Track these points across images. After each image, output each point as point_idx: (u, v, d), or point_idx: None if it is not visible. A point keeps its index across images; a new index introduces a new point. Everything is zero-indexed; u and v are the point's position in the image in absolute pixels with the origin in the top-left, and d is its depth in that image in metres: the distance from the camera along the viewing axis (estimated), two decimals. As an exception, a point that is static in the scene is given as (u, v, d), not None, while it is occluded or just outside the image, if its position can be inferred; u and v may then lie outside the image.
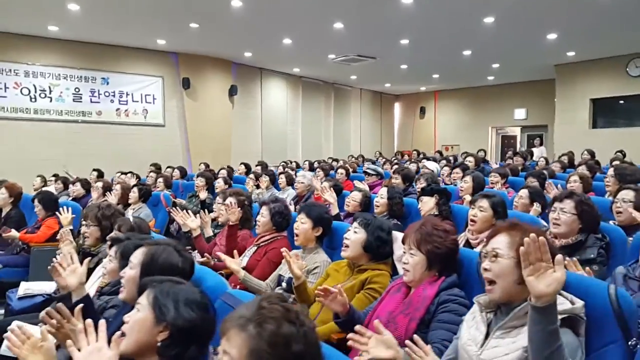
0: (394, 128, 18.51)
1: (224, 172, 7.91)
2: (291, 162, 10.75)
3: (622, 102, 11.66)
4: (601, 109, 11.99)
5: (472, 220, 3.03)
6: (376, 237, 2.47)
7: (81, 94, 9.86)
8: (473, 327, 1.73)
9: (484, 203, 3.01)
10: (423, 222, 2.14)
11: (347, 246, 2.50)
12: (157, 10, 7.81)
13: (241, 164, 8.93)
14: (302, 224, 2.91)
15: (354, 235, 2.49)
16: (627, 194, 3.11)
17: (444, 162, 7.83)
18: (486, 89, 15.47)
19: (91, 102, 9.96)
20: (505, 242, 1.62)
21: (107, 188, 6.27)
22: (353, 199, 4.39)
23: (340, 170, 6.82)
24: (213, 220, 4.56)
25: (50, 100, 9.53)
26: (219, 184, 6.32)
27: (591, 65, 11.55)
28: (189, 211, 3.94)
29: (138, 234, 2.43)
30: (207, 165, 9.43)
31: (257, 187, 7.13)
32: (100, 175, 7.92)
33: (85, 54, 9.80)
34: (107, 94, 10.14)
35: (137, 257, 1.82)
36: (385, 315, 2.06)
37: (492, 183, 5.32)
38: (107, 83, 10.12)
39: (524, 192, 3.95)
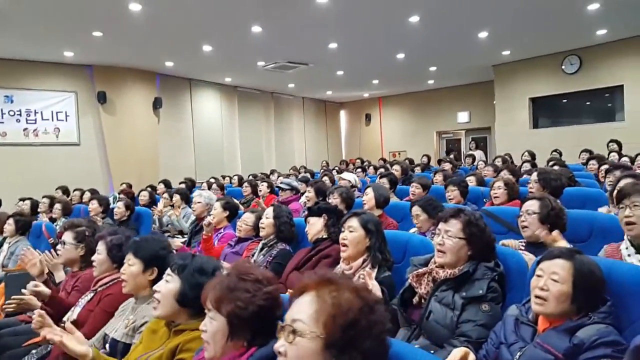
0: (340, 136, 18.05)
1: (145, 194, 7.20)
2: (224, 178, 10.04)
3: (560, 100, 11.52)
4: (541, 108, 11.83)
5: (342, 245, 2.47)
6: (193, 284, 1.83)
7: (-19, 115, 8.91)
8: None
9: (353, 222, 2.48)
10: (230, 271, 1.54)
11: (158, 301, 1.86)
12: (51, 18, 7.01)
13: (160, 182, 8.18)
14: (130, 266, 2.25)
15: (165, 286, 1.85)
16: (532, 205, 2.60)
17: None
18: (428, 94, 15.20)
19: (-7, 122, 9.02)
20: (309, 312, 1.05)
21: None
22: (245, 222, 3.77)
23: (263, 184, 6.19)
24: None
25: (-56, 123, 8.57)
26: (118, 209, 5.58)
27: (528, 64, 11.36)
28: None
29: None
30: (129, 186, 8.67)
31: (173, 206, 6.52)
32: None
33: (-18, 71, 8.87)
34: (11, 113, 9.19)
35: None
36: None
37: (412, 194, 4.79)
38: (12, 101, 9.18)
39: (417, 210, 3.41)
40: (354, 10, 7.28)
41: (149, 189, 8.14)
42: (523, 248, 2.58)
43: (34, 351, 2.77)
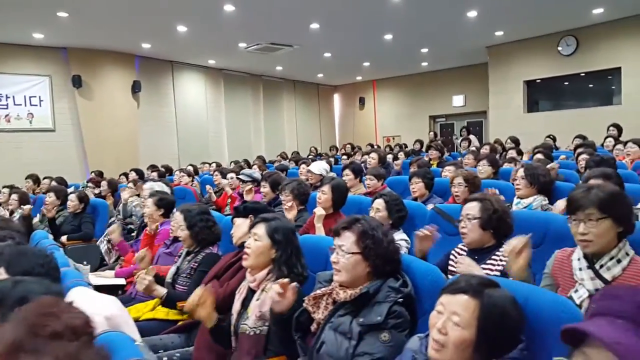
0: (334, 121, 17.61)
1: (104, 184, 6.89)
2: (209, 164, 9.67)
3: (559, 83, 11.04)
4: (536, 91, 11.38)
5: (244, 253, 2.16)
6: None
7: (-51, 100, 8.61)
8: None
9: (259, 229, 2.15)
10: (20, 319, 1.01)
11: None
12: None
13: (131, 170, 7.85)
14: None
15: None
16: (472, 209, 2.25)
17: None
18: (423, 76, 14.66)
19: (-38, 108, 8.72)
20: None
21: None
22: (177, 221, 3.42)
23: (215, 173, 5.83)
24: None
25: None
26: (71, 202, 5.27)
27: (522, 46, 10.89)
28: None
29: None
30: (99, 174, 8.39)
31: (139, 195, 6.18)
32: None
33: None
34: (-18, 98, 8.90)
35: None
36: None
37: (368, 186, 4.44)
38: (-18, 86, 8.89)
39: (379, 204, 3.08)
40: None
41: (122, 176, 7.90)
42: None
43: None
